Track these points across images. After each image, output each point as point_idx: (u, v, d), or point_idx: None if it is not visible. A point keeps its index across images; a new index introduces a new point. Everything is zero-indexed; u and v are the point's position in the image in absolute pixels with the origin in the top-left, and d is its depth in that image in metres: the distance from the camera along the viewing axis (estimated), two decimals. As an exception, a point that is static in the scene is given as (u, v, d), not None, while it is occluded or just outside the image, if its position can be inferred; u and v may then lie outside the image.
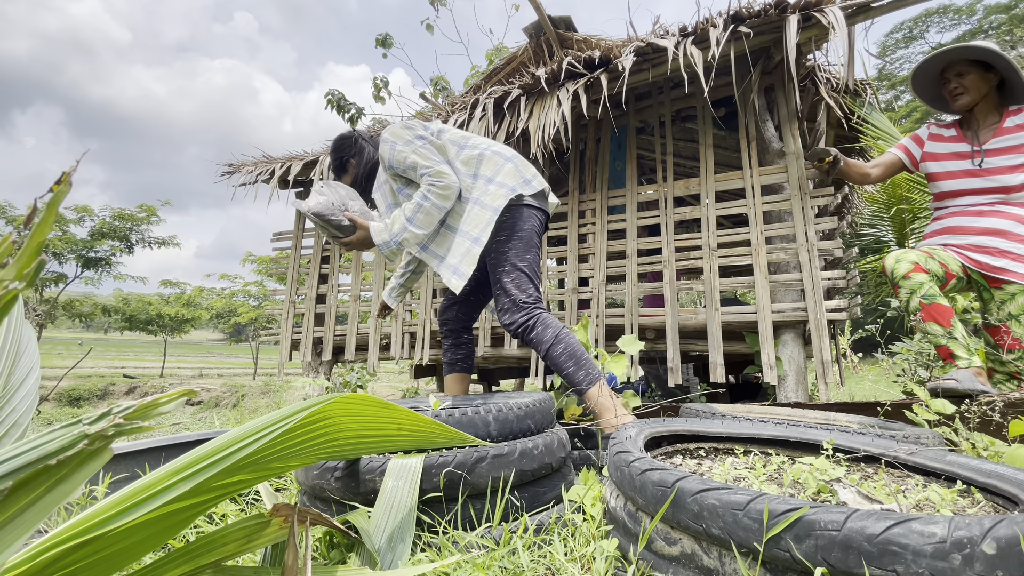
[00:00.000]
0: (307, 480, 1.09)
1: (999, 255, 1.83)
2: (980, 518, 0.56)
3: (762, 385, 3.63)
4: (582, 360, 1.57)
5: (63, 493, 0.44)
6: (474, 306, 2.00)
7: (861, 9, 2.35)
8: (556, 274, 4.03)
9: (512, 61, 4.17)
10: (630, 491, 0.82)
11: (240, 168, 4.24)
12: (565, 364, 1.57)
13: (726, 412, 1.70)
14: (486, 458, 1.04)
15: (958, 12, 19.24)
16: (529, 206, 1.69)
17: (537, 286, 1.67)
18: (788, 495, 0.81)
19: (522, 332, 1.62)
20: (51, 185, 0.44)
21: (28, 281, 0.44)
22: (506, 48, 7.69)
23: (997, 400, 1.58)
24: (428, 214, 1.60)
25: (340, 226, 1.72)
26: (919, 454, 1.00)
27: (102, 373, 16.51)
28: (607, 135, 3.52)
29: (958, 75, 1.91)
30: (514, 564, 0.87)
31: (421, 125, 1.70)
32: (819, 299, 2.58)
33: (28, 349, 0.93)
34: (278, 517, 0.69)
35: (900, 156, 2.13)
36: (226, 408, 10.76)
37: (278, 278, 11.41)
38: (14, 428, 0.80)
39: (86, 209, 15.04)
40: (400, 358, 3.83)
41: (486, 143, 1.72)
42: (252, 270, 18.65)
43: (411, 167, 1.62)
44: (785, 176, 2.81)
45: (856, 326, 6.34)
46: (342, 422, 0.70)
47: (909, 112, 16.42)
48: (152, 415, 0.50)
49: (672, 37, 2.59)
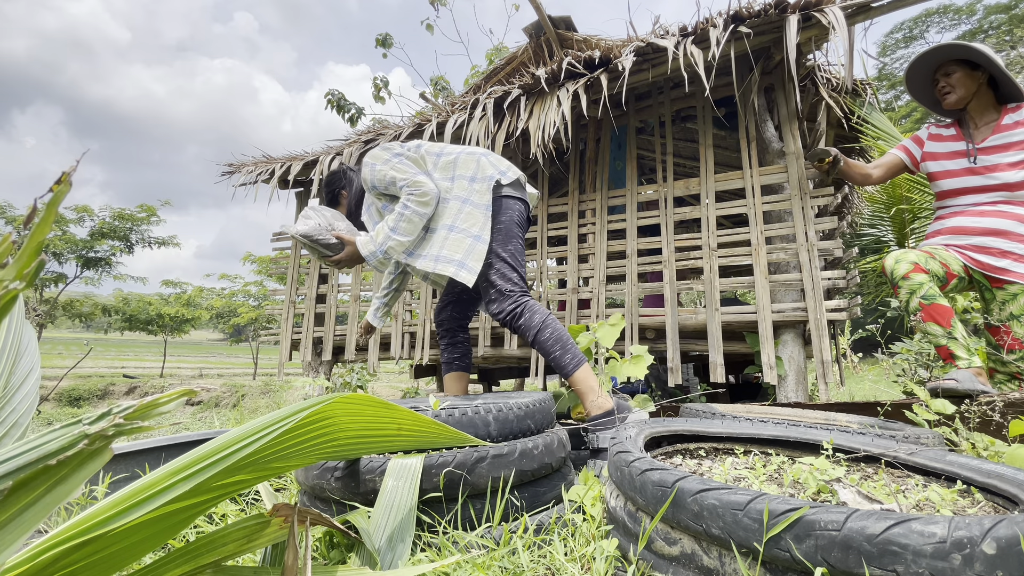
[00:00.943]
0: (307, 480, 1.09)
1: (1001, 255, 1.83)
2: (980, 518, 0.56)
3: (762, 385, 3.63)
4: (568, 344, 1.63)
5: (63, 493, 0.44)
6: (468, 305, 2.03)
7: (861, 9, 2.35)
8: (556, 274, 4.03)
9: (512, 61, 4.17)
10: (630, 491, 0.82)
11: (240, 168, 4.24)
12: (552, 348, 1.62)
13: (726, 412, 1.70)
14: (486, 458, 1.04)
15: (958, 12, 19.24)
16: (507, 196, 1.75)
17: (522, 274, 1.73)
18: (788, 495, 0.81)
19: (510, 320, 1.67)
20: (51, 185, 0.44)
21: (28, 281, 0.44)
22: (506, 48, 7.70)
23: (997, 400, 1.58)
24: (410, 221, 1.67)
25: (328, 244, 1.82)
26: (919, 454, 1.00)
27: (102, 373, 16.51)
28: (607, 135, 3.52)
29: (946, 75, 1.96)
30: (514, 564, 0.87)
31: (399, 144, 1.80)
32: (819, 299, 2.58)
33: (28, 349, 0.93)
34: (278, 517, 0.69)
35: (901, 157, 2.13)
36: (226, 408, 10.76)
37: (278, 278, 11.41)
38: (14, 428, 0.80)
39: (86, 209, 15.03)
40: (400, 358, 3.83)
41: (460, 148, 1.82)
42: (252, 270, 18.65)
43: (391, 183, 1.71)
44: (785, 176, 2.81)
45: (856, 326, 6.34)
46: (342, 422, 0.70)
47: (909, 112, 16.42)
48: (152, 415, 0.50)
49: (672, 37, 2.59)
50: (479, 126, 3.02)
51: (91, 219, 15.17)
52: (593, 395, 1.56)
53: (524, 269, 1.76)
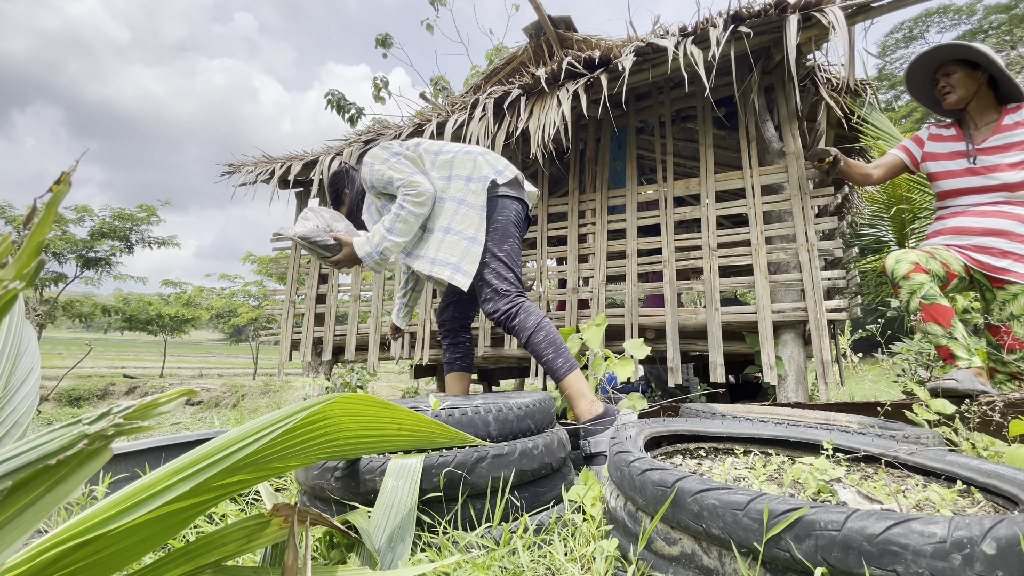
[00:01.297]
0: (307, 480, 1.09)
1: (1001, 255, 1.83)
2: (980, 518, 0.56)
3: (762, 385, 3.63)
4: (561, 348, 1.62)
5: (63, 493, 0.44)
6: (469, 305, 2.03)
7: (861, 9, 2.35)
8: (556, 274, 4.03)
9: (512, 61, 4.17)
10: (630, 491, 0.82)
11: (240, 168, 4.24)
12: (545, 351, 1.61)
13: (726, 412, 1.70)
14: (486, 458, 1.04)
15: (958, 12, 19.24)
16: (503, 196, 1.74)
17: (518, 274, 1.72)
18: (788, 495, 0.81)
19: (505, 320, 1.66)
20: (51, 185, 0.44)
21: (28, 281, 0.44)
22: (506, 48, 7.70)
23: (997, 400, 1.58)
24: (406, 222, 1.67)
25: (327, 246, 1.83)
26: (919, 454, 1.00)
27: (102, 373, 16.50)
28: (607, 135, 3.52)
29: (946, 75, 1.96)
30: (514, 564, 0.87)
31: (398, 143, 1.79)
32: (819, 299, 2.58)
33: (28, 349, 0.93)
34: (278, 517, 0.69)
35: (901, 157, 2.13)
36: (226, 408, 10.76)
37: (278, 278, 11.41)
38: (14, 428, 0.80)
39: (86, 209, 15.03)
40: (400, 358, 3.83)
41: (458, 147, 1.80)
42: (252, 270, 18.65)
43: (388, 182, 1.71)
44: (785, 176, 2.81)
45: (856, 326, 6.34)
46: (342, 422, 0.70)
47: (909, 112, 16.42)
48: (152, 415, 0.50)
49: (672, 37, 2.59)
50: (479, 126, 3.02)
51: (91, 219, 15.17)
52: (585, 401, 1.54)
53: (521, 269, 1.75)
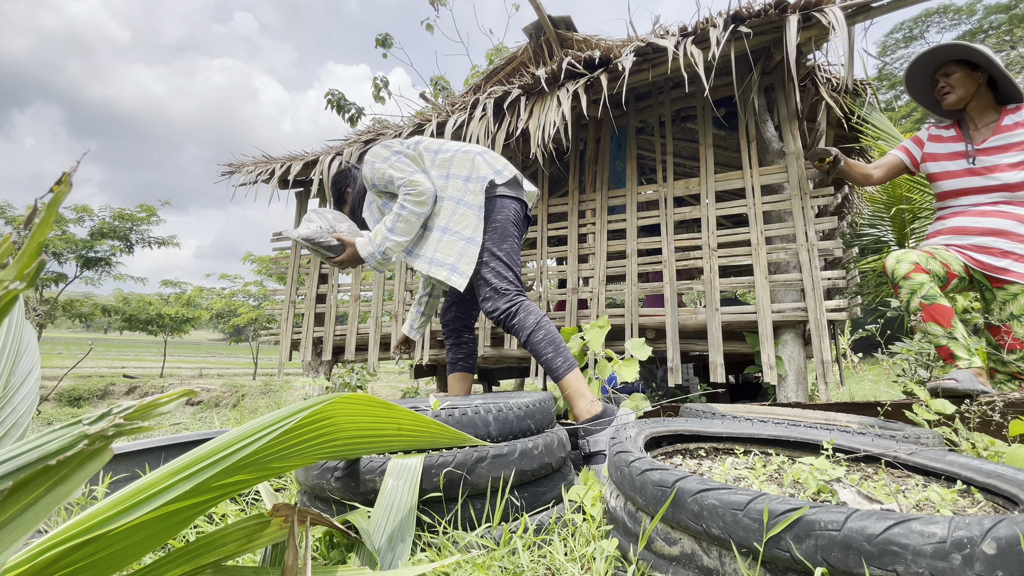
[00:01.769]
0: (307, 480, 1.09)
1: (1001, 255, 1.83)
2: (980, 518, 0.56)
3: (762, 385, 3.63)
4: (560, 347, 1.61)
5: (63, 493, 0.44)
6: (472, 305, 2.03)
7: (861, 9, 2.35)
8: (556, 274, 4.03)
9: (512, 61, 4.16)
10: (630, 491, 0.82)
11: (240, 168, 4.24)
12: (545, 350, 1.60)
13: (726, 412, 1.70)
14: (486, 458, 1.04)
15: (958, 12, 19.24)
16: (502, 196, 1.74)
17: (517, 273, 1.71)
18: (788, 495, 0.81)
19: (504, 319, 1.65)
20: (51, 185, 0.44)
21: (28, 281, 0.44)
22: (506, 48, 7.70)
23: (997, 400, 1.58)
24: (407, 221, 1.67)
25: (330, 247, 1.83)
26: (919, 454, 1.00)
27: (102, 373, 16.51)
28: (607, 135, 3.52)
29: (945, 75, 1.96)
30: (514, 564, 0.87)
31: (399, 142, 1.79)
32: (819, 299, 2.58)
33: (28, 349, 0.93)
34: (278, 517, 0.69)
35: (901, 157, 2.13)
36: (226, 408, 10.76)
37: (278, 278, 11.41)
38: (14, 428, 0.80)
39: (86, 209, 15.03)
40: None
41: (458, 145, 1.80)
42: (252, 270, 18.66)
43: (389, 181, 1.71)
44: (785, 176, 2.81)
45: (856, 326, 6.34)
46: (342, 422, 0.70)
47: (909, 112, 16.42)
48: (152, 415, 0.50)
49: (672, 37, 2.59)
50: (479, 126, 3.02)
51: (91, 219, 15.18)
52: (584, 400, 1.54)
53: (520, 269, 1.75)
